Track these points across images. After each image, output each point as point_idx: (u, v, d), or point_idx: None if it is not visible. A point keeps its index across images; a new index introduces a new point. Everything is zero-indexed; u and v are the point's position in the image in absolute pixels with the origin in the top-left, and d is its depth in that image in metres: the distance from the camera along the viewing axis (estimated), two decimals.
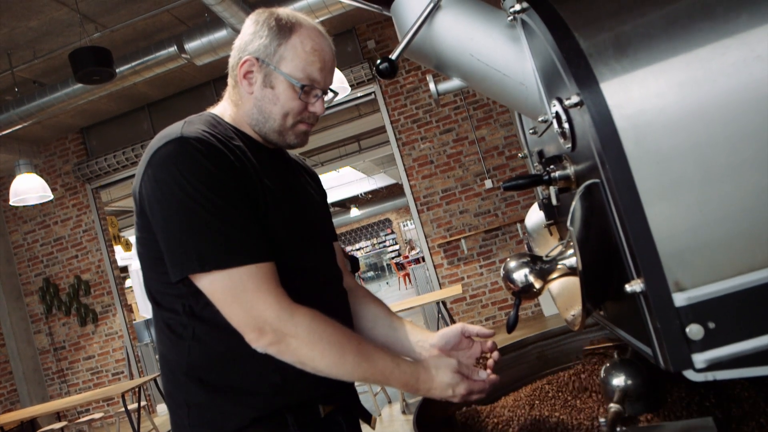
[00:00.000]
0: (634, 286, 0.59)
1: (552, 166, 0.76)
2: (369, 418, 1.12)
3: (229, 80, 1.05)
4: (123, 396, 4.41)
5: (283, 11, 1.02)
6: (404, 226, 22.34)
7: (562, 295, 0.95)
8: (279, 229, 0.96)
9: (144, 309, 10.01)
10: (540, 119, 0.80)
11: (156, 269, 0.95)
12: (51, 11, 4.31)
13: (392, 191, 18.88)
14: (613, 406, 0.77)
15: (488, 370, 1.02)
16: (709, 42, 0.58)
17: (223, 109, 1.06)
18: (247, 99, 1.02)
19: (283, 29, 0.99)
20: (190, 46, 4.73)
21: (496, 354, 1.07)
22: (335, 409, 1.02)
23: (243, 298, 0.87)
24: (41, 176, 5.21)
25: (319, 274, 1.05)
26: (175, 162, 0.89)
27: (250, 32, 1.01)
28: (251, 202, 0.93)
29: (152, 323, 1.97)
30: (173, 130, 0.94)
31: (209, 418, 0.94)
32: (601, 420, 0.75)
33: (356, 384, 1.11)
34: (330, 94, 1.05)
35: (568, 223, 0.64)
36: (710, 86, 0.57)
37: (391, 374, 0.93)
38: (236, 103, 1.04)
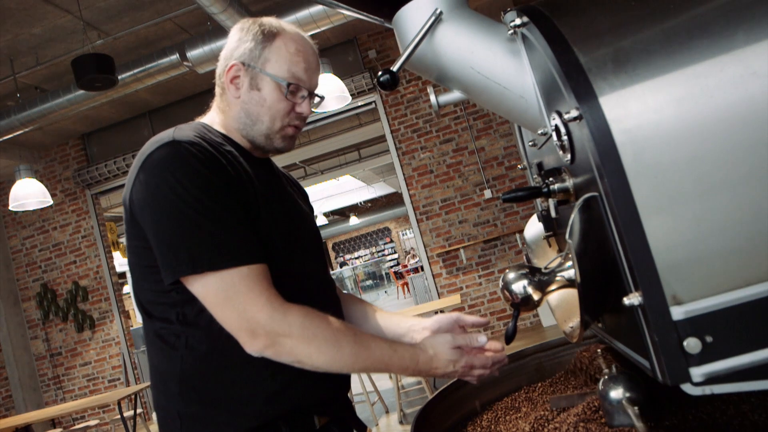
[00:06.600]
0: (632, 299, 0.59)
1: (551, 179, 0.77)
2: (364, 430, 1.12)
3: (217, 89, 1.07)
4: (119, 403, 4.38)
5: (267, 20, 1.05)
6: (403, 235, 22.33)
7: (560, 307, 0.95)
8: (271, 234, 0.96)
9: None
10: (539, 132, 0.81)
11: (148, 278, 0.95)
12: (54, 18, 4.33)
13: (391, 200, 18.90)
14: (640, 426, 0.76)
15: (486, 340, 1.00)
16: (707, 58, 0.59)
17: (212, 118, 1.07)
18: (235, 104, 1.03)
19: (268, 34, 1.01)
20: (192, 54, 4.76)
21: (490, 344, 1.01)
22: (330, 420, 1.02)
23: (235, 300, 0.87)
24: (41, 182, 5.21)
25: (312, 279, 1.06)
26: (167, 165, 0.89)
27: (236, 39, 1.03)
28: (243, 205, 0.93)
29: None
30: (165, 135, 0.95)
31: (203, 429, 0.93)
32: None
33: (352, 393, 1.11)
34: (317, 99, 1.06)
35: (567, 236, 0.65)
36: (707, 102, 0.58)
37: (390, 360, 0.93)
38: (223, 110, 1.05)
